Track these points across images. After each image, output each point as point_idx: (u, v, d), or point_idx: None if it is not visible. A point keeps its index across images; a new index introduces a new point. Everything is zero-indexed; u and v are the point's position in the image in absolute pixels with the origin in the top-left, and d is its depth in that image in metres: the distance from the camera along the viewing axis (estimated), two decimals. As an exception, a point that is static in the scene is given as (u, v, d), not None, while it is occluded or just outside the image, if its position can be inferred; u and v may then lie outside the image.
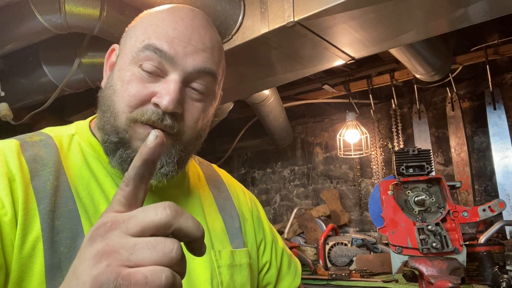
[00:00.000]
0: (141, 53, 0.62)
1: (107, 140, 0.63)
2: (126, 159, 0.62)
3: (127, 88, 0.62)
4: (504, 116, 2.31)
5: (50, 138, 0.66)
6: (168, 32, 0.62)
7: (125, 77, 0.62)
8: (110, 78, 0.66)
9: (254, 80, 1.86)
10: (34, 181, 0.58)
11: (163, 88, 0.61)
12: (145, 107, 0.61)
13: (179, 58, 0.61)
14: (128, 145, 0.62)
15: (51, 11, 1.37)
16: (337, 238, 2.39)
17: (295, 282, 0.87)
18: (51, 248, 0.55)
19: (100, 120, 0.66)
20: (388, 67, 2.57)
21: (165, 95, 0.60)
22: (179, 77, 0.62)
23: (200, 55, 0.63)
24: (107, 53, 0.72)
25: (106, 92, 0.65)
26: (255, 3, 1.40)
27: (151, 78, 0.62)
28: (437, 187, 1.16)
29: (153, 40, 0.61)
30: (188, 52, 0.62)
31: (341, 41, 1.45)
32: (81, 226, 0.58)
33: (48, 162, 0.61)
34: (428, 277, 0.99)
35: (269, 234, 0.86)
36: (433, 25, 1.37)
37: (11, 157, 0.58)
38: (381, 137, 2.84)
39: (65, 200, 0.59)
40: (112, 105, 0.63)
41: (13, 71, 1.81)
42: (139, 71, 0.62)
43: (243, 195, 0.88)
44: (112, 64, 0.69)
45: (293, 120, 3.35)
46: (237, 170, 3.77)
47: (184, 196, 0.75)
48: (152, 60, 0.61)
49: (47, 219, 0.56)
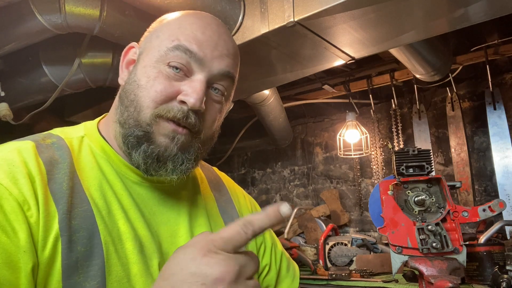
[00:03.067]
0: (171, 53, 0.64)
1: (132, 134, 0.64)
2: (151, 154, 0.64)
3: (153, 84, 0.64)
4: (504, 116, 2.31)
5: (62, 140, 0.66)
6: (197, 36, 0.65)
7: (151, 74, 0.64)
8: (133, 74, 0.67)
9: (254, 80, 1.86)
10: (51, 183, 0.58)
11: (190, 86, 0.64)
12: (170, 104, 0.64)
13: (207, 60, 0.65)
14: (152, 140, 0.64)
15: (51, 11, 1.37)
16: (337, 238, 2.39)
17: (293, 285, 0.87)
18: (69, 248, 0.55)
19: (122, 114, 0.66)
20: (388, 67, 2.57)
21: (192, 93, 0.63)
22: (205, 78, 0.65)
23: (224, 60, 0.67)
24: (124, 50, 0.73)
25: (129, 87, 0.66)
26: (255, 3, 1.40)
27: (177, 77, 0.64)
28: (437, 187, 1.16)
29: (183, 41, 0.65)
30: (215, 56, 0.66)
31: (341, 41, 1.45)
32: (96, 226, 0.59)
33: (62, 164, 0.62)
34: (428, 277, 0.99)
35: (269, 237, 0.87)
36: (433, 25, 1.37)
37: (30, 158, 0.59)
38: (381, 137, 2.84)
39: (80, 201, 0.60)
40: (136, 99, 0.64)
41: (13, 71, 1.81)
42: (166, 69, 0.64)
43: (243, 198, 0.89)
44: (130, 61, 0.71)
45: (293, 120, 3.35)
46: (237, 170, 3.77)
47: (190, 198, 0.76)
48: (181, 59, 0.64)
49: (65, 219, 0.56)
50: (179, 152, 0.65)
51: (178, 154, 0.65)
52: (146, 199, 0.68)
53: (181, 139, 0.64)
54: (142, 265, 0.61)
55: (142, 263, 0.61)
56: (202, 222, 0.74)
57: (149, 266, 0.62)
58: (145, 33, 0.73)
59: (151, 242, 0.64)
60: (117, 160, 0.68)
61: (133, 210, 0.65)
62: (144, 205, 0.68)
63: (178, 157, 0.65)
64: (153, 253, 0.64)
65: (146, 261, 0.62)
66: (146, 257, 0.62)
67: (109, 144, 0.69)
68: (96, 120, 0.74)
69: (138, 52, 0.70)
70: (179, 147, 0.64)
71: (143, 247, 0.63)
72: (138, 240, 0.63)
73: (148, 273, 0.61)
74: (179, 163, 0.65)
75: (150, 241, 0.64)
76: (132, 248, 0.61)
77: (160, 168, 0.65)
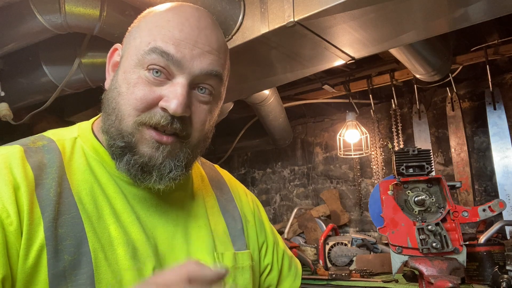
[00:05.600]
0: (147, 56, 0.60)
1: (113, 144, 0.62)
2: (134, 165, 0.61)
3: (133, 91, 0.61)
4: (504, 116, 2.31)
5: (52, 143, 0.65)
6: (174, 34, 0.61)
7: (131, 80, 0.61)
8: (114, 79, 0.65)
9: (254, 80, 1.86)
10: (38, 189, 0.57)
11: (170, 91, 0.60)
12: (152, 110, 0.61)
13: (186, 61, 0.61)
14: (135, 150, 0.62)
15: (51, 11, 1.37)
16: (337, 238, 2.39)
17: (295, 284, 0.87)
18: (55, 257, 0.54)
19: (105, 123, 0.65)
20: (388, 67, 2.57)
21: (173, 99, 0.59)
22: (186, 80, 0.61)
23: (206, 58, 0.62)
24: (109, 53, 0.71)
25: (111, 94, 0.64)
26: (255, 3, 1.39)
27: (158, 81, 0.61)
28: (437, 187, 1.16)
29: (159, 42, 0.60)
30: (195, 54, 0.61)
31: (341, 41, 1.45)
32: (84, 233, 0.58)
33: (51, 169, 0.60)
34: (428, 277, 0.99)
35: (271, 236, 0.86)
36: (433, 25, 1.37)
37: (16, 164, 0.58)
38: (381, 137, 2.84)
39: (68, 207, 0.58)
40: (118, 107, 0.62)
41: (13, 71, 1.81)
42: (145, 74, 0.61)
43: (245, 196, 0.88)
44: (115, 63, 0.68)
45: (293, 120, 3.35)
46: (237, 170, 3.76)
47: (189, 198, 0.75)
48: (159, 63, 0.60)
49: (51, 227, 0.55)
50: (167, 160, 0.62)
51: (164, 162, 0.62)
52: (142, 200, 0.67)
53: (167, 149, 0.62)
54: (134, 271, 0.60)
55: (134, 269, 0.60)
56: (201, 223, 0.73)
57: (143, 271, 0.61)
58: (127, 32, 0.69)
59: (145, 246, 0.63)
60: (110, 162, 0.66)
61: (127, 214, 0.64)
62: (140, 206, 0.66)
63: (165, 166, 0.62)
64: (148, 257, 0.62)
65: (139, 266, 0.61)
66: (140, 262, 0.61)
67: (103, 145, 0.67)
68: (91, 120, 0.73)
69: (120, 54, 0.67)
70: (166, 155, 0.62)
71: (137, 251, 0.61)
72: (131, 244, 0.61)
73: (141, 279, 0.60)
74: (166, 171, 0.62)
75: (145, 245, 0.63)
76: (124, 254, 0.60)
77: (145, 178, 0.63)
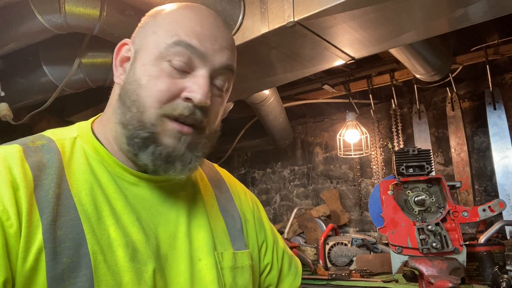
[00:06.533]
0: (171, 49, 0.62)
1: (137, 135, 0.63)
2: (159, 155, 0.63)
3: (156, 83, 0.62)
4: (504, 116, 2.31)
5: (52, 142, 0.64)
6: (197, 30, 0.64)
7: (152, 72, 0.63)
8: (132, 72, 0.65)
9: (254, 80, 1.86)
10: (37, 190, 0.57)
11: (194, 82, 0.63)
12: (175, 102, 0.62)
13: (208, 54, 0.64)
14: (158, 141, 0.62)
15: (51, 11, 1.37)
16: (337, 238, 2.39)
17: (295, 283, 0.87)
18: (54, 260, 0.54)
19: (124, 115, 0.64)
20: (388, 67, 2.57)
21: (198, 89, 0.62)
22: (208, 72, 0.64)
23: (225, 53, 0.66)
24: (116, 48, 0.71)
25: (130, 87, 0.64)
26: (255, 3, 1.39)
27: (180, 74, 0.63)
28: (437, 187, 1.16)
29: (183, 36, 0.63)
30: (216, 49, 0.65)
31: (341, 41, 1.45)
32: (83, 235, 0.57)
33: (50, 169, 0.60)
34: (428, 277, 0.99)
35: (271, 235, 0.86)
36: (433, 25, 1.37)
37: (15, 164, 0.57)
38: (381, 137, 2.84)
39: (67, 208, 0.58)
40: (139, 100, 0.63)
41: (13, 71, 1.81)
42: (168, 66, 0.63)
43: (244, 195, 0.87)
44: (123, 58, 0.69)
45: (293, 120, 3.35)
46: (237, 170, 3.76)
47: (189, 197, 0.74)
48: (183, 55, 0.63)
49: (49, 229, 0.55)
50: (187, 151, 0.64)
51: (186, 153, 0.64)
52: (144, 200, 0.67)
53: (188, 140, 0.64)
54: (134, 272, 0.59)
55: (134, 271, 0.60)
56: (201, 223, 0.72)
57: (142, 272, 0.60)
58: (137, 28, 0.70)
59: (145, 247, 0.63)
60: (111, 161, 0.66)
61: (127, 214, 0.63)
62: (142, 206, 0.66)
63: (186, 156, 0.64)
64: (148, 258, 0.62)
65: (139, 267, 0.60)
66: (140, 263, 0.61)
67: (103, 145, 0.67)
68: (90, 120, 0.72)
69: (133, 49, 0.67)
70: (187, 146, 0.64)
71: (137, 253, 0.61)
72: (131, 246, 0.61)
73: (141, 280, 0.60)
74: (188, 161, 0.64)
75: (145, 246, 0.63)
76: (123, 256, 0.60)
77: (169, 168, 0.64)
